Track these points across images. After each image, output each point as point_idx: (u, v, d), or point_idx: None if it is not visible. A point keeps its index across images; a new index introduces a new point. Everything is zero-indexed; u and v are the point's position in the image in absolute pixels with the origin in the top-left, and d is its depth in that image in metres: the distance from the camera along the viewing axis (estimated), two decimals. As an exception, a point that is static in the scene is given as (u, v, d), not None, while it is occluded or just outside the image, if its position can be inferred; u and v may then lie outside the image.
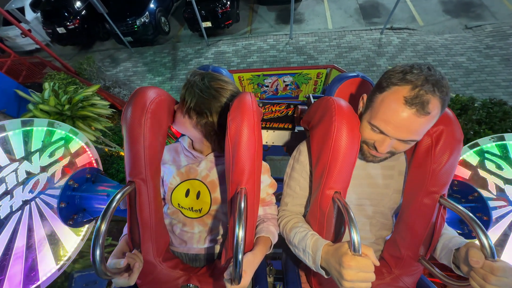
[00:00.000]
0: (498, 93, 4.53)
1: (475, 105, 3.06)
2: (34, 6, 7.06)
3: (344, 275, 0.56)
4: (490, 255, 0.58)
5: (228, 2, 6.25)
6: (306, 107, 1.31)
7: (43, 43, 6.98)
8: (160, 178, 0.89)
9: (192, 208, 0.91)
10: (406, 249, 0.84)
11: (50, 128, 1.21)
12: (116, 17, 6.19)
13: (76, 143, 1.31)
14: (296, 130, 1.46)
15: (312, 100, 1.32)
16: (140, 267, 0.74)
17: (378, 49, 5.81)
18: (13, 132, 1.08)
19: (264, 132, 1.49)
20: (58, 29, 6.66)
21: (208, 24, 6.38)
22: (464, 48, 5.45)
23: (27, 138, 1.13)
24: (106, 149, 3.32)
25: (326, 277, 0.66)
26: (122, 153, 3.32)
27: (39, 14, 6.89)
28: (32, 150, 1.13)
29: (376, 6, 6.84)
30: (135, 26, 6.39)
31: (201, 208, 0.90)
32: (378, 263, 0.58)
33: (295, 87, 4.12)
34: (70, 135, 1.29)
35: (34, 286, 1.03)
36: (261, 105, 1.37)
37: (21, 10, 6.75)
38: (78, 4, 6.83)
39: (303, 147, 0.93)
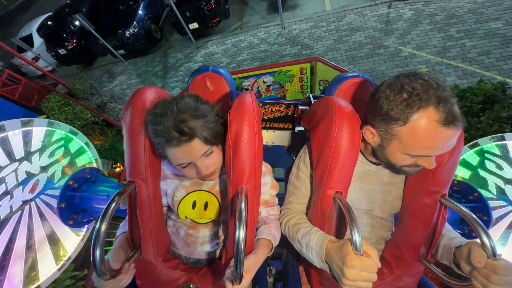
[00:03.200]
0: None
1: (508, 93, 2.07)
2: (39, 31, 7.34)
3: (346, 274, 0.56)
4: (491, 254, 0.58)
5: (213, -1, 5.69)
6: (306, 107, 1.31)
7: (53, 65, 7.38)
8: (160, 178, 0.89)
9: (200, 218, 0.90)
10: (407, 249, 0.84)
11: (50, 128, 1.21)
12: (107, 32, 6.08)
13: (76, 143, 1.30)
14: (296, 130, 1.46)
15: (312, 100, 1.32)
16: (123, 283, 0.68)
17: (385, 27, 4.76)
18: (13, 132, 1.08)
19: (264, 132, 1.48)
20: (59, 50, 6.85)
21: (195, 25, 5.92)
22: (499, 10, 4.19)
23: (27, 138, 1.12)
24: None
25: (329, 272, 0.66)
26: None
27: (44, 39, 7.24)
28: (32, 150, 1.13)
29: (384, -24, 5.55)
30: (125, 38, 6.20)
31: (210, 218, 0.90)
32: (380, 265, 0.58)
33: (278, 87, 3.72)
34: (70, 135, 1.28)
35: (34, 286, 1.03)
36: (261, 105, 1.37)
37: (30, 36, 7.19)
38: (74, 24, 6.92)
39: (309, 147, 0.92)
